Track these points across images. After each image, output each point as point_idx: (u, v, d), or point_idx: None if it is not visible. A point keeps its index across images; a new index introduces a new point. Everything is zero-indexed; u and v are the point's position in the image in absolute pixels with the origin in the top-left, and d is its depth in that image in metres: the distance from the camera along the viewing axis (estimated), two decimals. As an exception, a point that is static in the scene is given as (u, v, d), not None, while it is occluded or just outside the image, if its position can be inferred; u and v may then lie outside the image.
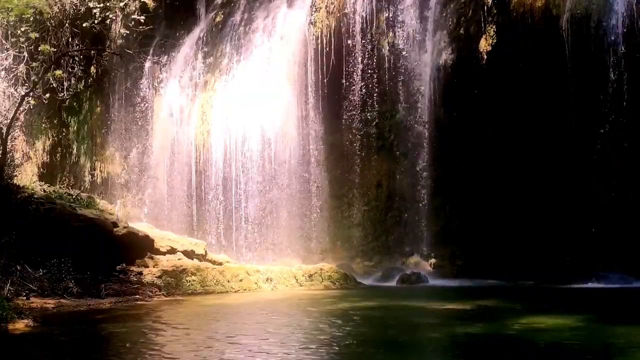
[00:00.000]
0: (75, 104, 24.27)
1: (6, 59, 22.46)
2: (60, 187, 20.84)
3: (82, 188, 23.03)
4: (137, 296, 13.49)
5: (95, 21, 22.94)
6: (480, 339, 8.78)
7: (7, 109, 20.17)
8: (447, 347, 8.36)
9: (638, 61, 15.07)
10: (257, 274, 15.68)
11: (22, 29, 22.24)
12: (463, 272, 17.62)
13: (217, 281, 15.14)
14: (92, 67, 23.81)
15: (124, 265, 14.89)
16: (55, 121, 24.40)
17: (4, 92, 21.86)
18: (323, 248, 20.05)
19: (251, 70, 20.67)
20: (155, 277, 14.72)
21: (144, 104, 22.65)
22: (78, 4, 22.86)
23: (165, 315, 11.41)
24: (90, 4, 22.78)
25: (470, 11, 18.05)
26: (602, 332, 8.99)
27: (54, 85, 23.21)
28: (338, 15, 19.71)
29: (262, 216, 19.92)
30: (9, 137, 17.07)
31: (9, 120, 17.23)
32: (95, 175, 23.88)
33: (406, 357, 7.74)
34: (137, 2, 22.90)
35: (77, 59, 23.41)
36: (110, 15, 22.93)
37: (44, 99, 22.98)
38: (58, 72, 22.66)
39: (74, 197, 17.95)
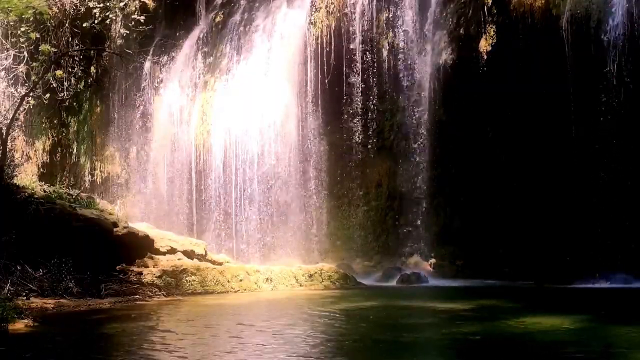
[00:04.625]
0: (75, 104, 24.27)
1: (6, 59, 22.46)
2: (60, 187, 20.80)
3: (82, 188, 23.01)
4: (137, 296, 13.49)
5: (95, 21, 22.94)
6: (480, 339, 8.78)
7: (7, 109, 20.17)
8: (447, 347, 8.36)
9: (638, 61, 15.06)
10: (257, 274, 15.68)
11: (22, 29, 22.24)
12: (463, 272, 17.62)
13: (217, 281, 15.14)
14: (92, 67, 23.81)
15: (123, 265, 14.90)
16: (55, 121, 24.40)
17: (4, 92, 21.87)
18: (323, 248, 20.04)
19: (251, 70, 20.66)
20: (155, 277, 14.72)
21: (144, 104, 22.65)
22: (78, 4, 22.86)
23: (165, 315, 11.41)
24: (90, 4, 22.78)
25: (470, 11, 18.05)
26: (602, 332, 8.99)
27: (54, 85, 23.22)
28: (338, 15, 19.70)
29: (262, 216, 19.91)
30: (9, 137, 17.06)
31: (9, 120, 17.24)
32: (95, 175, 23.88)
33: (406, 357, 7.74)
34: (137, 2, 22.90)
35: (77, 59, 23.41)
36: (110, 15, 22.92)
37: (44, 99, 22.99)
38: (58, 72, 22.66)
39: (74, 197, 17.93)
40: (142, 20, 22.50)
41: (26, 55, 22.49)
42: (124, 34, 22.77)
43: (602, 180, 15.47)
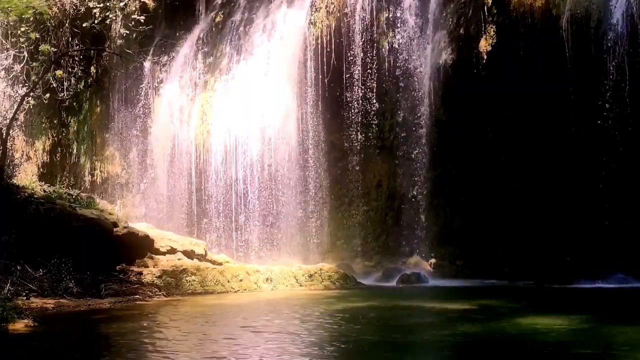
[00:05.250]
0: (75, 104, 24.25)
1: (6, 59, 22.46)
2: (60, 187, 20.81)
3: (82, 188, 23.01)
4: (137, 296, 13.49)
5: (95, 21, 22.93)
6: (480, 339, 8.78)
7: (7, 109, 20.17)
8: (447, 347, 8.36)
9: (638, 61, 15.06)
10: (257, 274, 15.68)
11: (22, 29, 22.23)
12: (463, 272, 17.61)
13: (217, 281, 15.14)
14: (92, 67, 23.80)
15: (123, 265, 14.90)
16: (55, 121, 24.38)
17: (4, 92, 21.86)
18: (323, 248, 20.04)
19: (251, 70, 20.66)
20: (155, 277, 14.72)
21: (144, 104, 22.64)
22: (78, 4, 22.85)
23: (164, 316, 11.41)
24: (90, 4, 22.77)
25: (470, 11, 18.04)
26: (602, 332, 9.00)
27: (54, 85, 23.21)
28: (338, 15, 19.70)
29: (262, 216, 19.91)
30: (9, 137, 17.06)
31: (9, 120, 17.23)
32: (95, 175, 23.87)
33: (406, 357, 7.74)
34: (137, 2, 22.88)
35: (77, 59, 23.40)
36: (110, 15, 22.91)
37: (44, 99, 22.98)
38: (58, 72, 22.65)
39: (74, 197, 17.94)
40: (142, 20, 22.49)
41: (26, 55, 22.48)
42: (124, 34, 22.76)
43: (602, 180, 15.46)
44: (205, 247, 16.95)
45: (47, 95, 23.09)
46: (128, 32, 22.68)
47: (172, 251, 16.11)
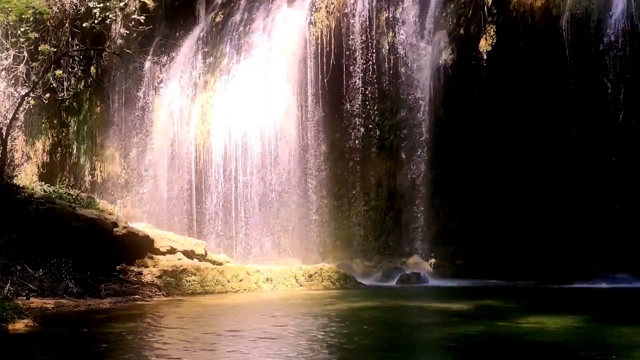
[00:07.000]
0: (75, 104, 24.27)
1: (6, 59, 22.45)
2: (60, 187, 20.81)
3: (82, 188, 23.02)
4: (137, 296, 13.48)
5: (95, 21, 22.93)
6: (480, 339, 8.78)
7: (7, 109, 20.16)
8: (446, 347, 8.35)
9: (638, 61, 15.06)
10: (257, 274, 15.68)
11: (22, 29, 22.22)
12: (463, 272, 17.62)
13: (217, 281, 15.14)
14: (92, 67, 23.80)
15: (123, 265, 14.90)
16: (55, 121, 24.41)
17: (4, 92, 21.86)
18: (323, 248, 20.04)
19: (251, 70, 20.67)
20: (155, 277, 14.72)
21: (144, 104, 22.64)
22: (78, 4, 22.86)
23: (164, 316, 11.41)
24: (90, 4, 22.77)
25: (470, 11, 18.05)
26: (602, 332, 9.00)
27: (54, 85, 23.21)
28: (338, 15, 19.70)
29: (262, 216, 19.91)
30: (9, 137, 17.06)
31: (9, 120, 17.23)
32: (95, 175, 23.89)
33: (406, 358, 7.74)
34: (137, 2, 22.89)
35: (77, 59, 23.41)
36: (110, 15, 22.92)
37: (44, 99, 22.98)
38: (58, 72, 22.63)
39: (74, 197, 17.95)
40: (142, 20, 22.49)
41: (26, 55, 22.48)
42: (124, 34, 22.77)
43: (602, 180, 15.45)
44: (205, 247, 16.95)
45: (47, 95, 23.09)
46: (128, 32, 22.68)
47: (172, 251, 16.11)
